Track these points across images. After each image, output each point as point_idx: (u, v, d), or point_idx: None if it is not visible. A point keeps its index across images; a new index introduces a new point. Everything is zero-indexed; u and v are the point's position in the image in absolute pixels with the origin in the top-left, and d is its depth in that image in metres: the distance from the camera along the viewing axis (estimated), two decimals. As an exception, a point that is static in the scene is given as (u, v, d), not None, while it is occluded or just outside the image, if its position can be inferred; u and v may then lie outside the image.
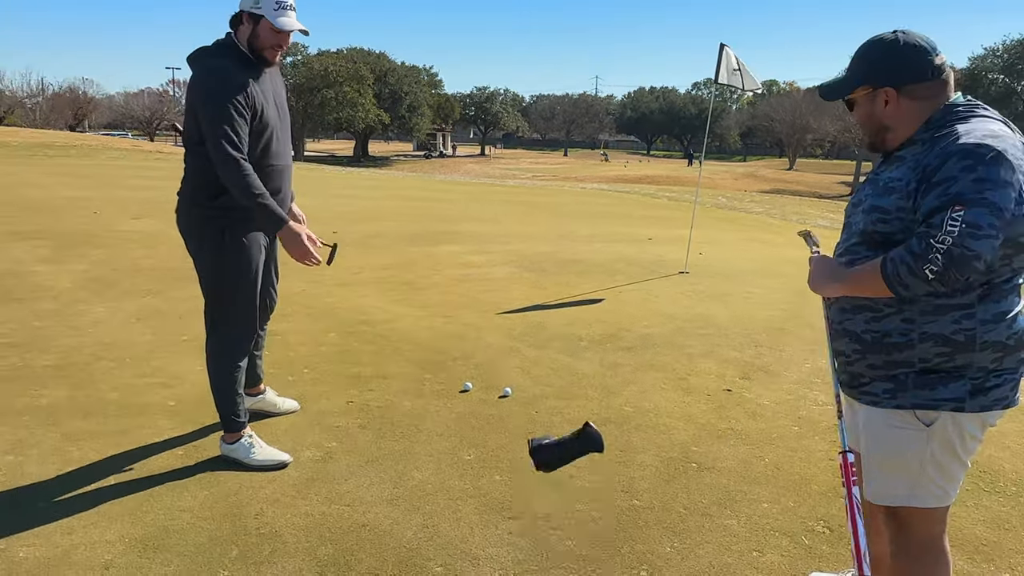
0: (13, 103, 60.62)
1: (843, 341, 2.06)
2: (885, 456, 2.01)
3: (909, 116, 1.93)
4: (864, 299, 1.97)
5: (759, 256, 10.06)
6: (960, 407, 1.89)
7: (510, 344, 5.27)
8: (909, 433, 1.95)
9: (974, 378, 1.88)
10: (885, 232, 1.90)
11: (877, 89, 1.95)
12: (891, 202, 1.88)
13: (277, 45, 3.14)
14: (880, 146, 2.03)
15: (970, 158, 1.73)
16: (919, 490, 1.98)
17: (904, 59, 1.91)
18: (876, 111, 1.97)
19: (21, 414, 3.75)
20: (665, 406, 4.22)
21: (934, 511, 2.02)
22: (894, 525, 2.06)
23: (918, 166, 1.83)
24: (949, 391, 1.89)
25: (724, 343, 5.48)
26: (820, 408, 4.24)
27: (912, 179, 1.83)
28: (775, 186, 45.73)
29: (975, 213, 1.69)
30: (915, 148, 1.90)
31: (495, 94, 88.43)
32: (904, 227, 1.85)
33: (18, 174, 17.24)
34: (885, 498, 2.05)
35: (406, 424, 3.84)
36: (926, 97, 1.92)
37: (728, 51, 7.95)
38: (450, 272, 7.81)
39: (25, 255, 7.71)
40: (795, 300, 6.87)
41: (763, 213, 18.23)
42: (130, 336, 5.09)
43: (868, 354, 1.98)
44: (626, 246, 10.27)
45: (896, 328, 1.92)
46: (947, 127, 1.86)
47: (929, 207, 1.75)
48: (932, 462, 1.95)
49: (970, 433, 1.94)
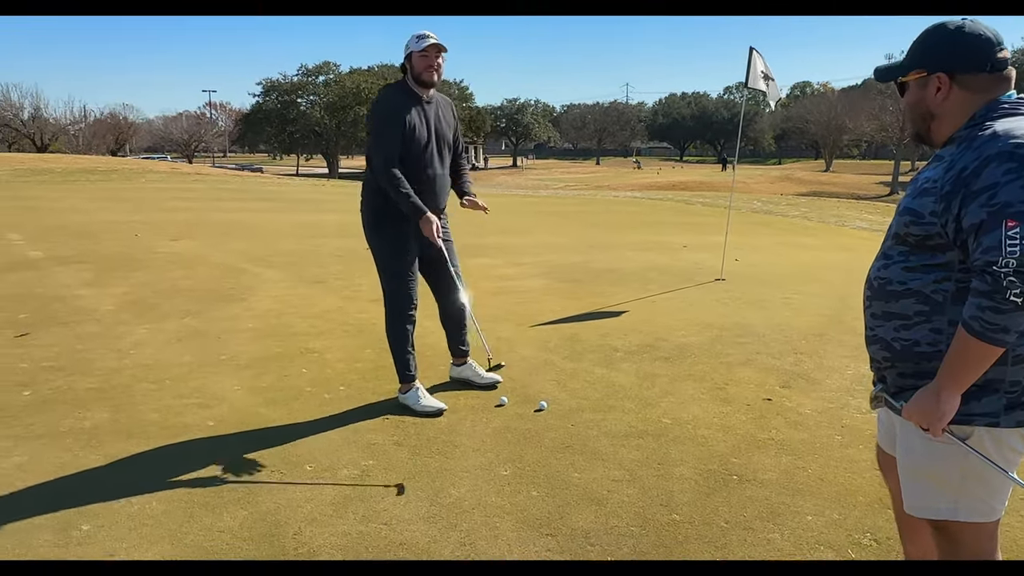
0: (57, 130, 62.43)
1: (875, 348, 1.98)
2: (920, 468, 1.92)
3: (958, 108, 1.82)
4: (895, 308, 1.88)
5: (797, 261, 9.91)
6: (995, 422, 1.79)
7: (545, 357, 5.25)
8: (944, 447, 1.84)
9: (1009, 392, 1.78)
10: (918, 235, 1.81)
11: (931, 74, 1.84)
12: (925, 204, 1.78)
13: (428, 66, 3.93)
14: (924, 136, 1.92)
15: (1012, 160, 1.63)
16: (962, 505, 1.87)
17: (964, 47, 1.80)
18: (926, 97, 1.86)
19: (65, 436, 3.82)
20: (704, 417, 4.16)
21: (983, 525, 1.90)
22: (942, 539, 1.96)
23: (952, 167, 1.73)
24: (983, 405, 1.79)
25: (763, 351, 5.39)
26: (863, 416, 4.14)
27: (946, 181, 1.73)
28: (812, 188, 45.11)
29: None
30: (952, 147, 1.80)
31: (525, 105, 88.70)
32: (937, 231, 1.76)
33: (62, 199, 17.70)
34: (925, 511, 1.94)
35: (442, 440, 3.83)
36: (980, 90, 1.80)
37: (757, 56, 7.87)
38: (484, 285, 7.81)
39: (70, 279, 7.89)
40: (835, 305, 6.74)
41: (800, 216, 17.96)
42: (170, 357, 5.17)
43: (897, 362, 1.91)
44: (660, 254, 10.19)
45: (925, 337, 1.84)
46: (987, 125, 1.74)
47: (977, 219, 1.64)
48: (973, 475, 1.84)
49: (1010, 446, 1.82)
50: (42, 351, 5.28)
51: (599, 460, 3.61)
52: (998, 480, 1.85)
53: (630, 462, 3.59)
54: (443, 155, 4.17)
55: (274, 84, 64.31)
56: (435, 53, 3.92)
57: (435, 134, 4.08)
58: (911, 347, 1.86)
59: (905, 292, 1.86)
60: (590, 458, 3.63)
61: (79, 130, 64.93)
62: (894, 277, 1.89)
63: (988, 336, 1.65)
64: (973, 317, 1.66)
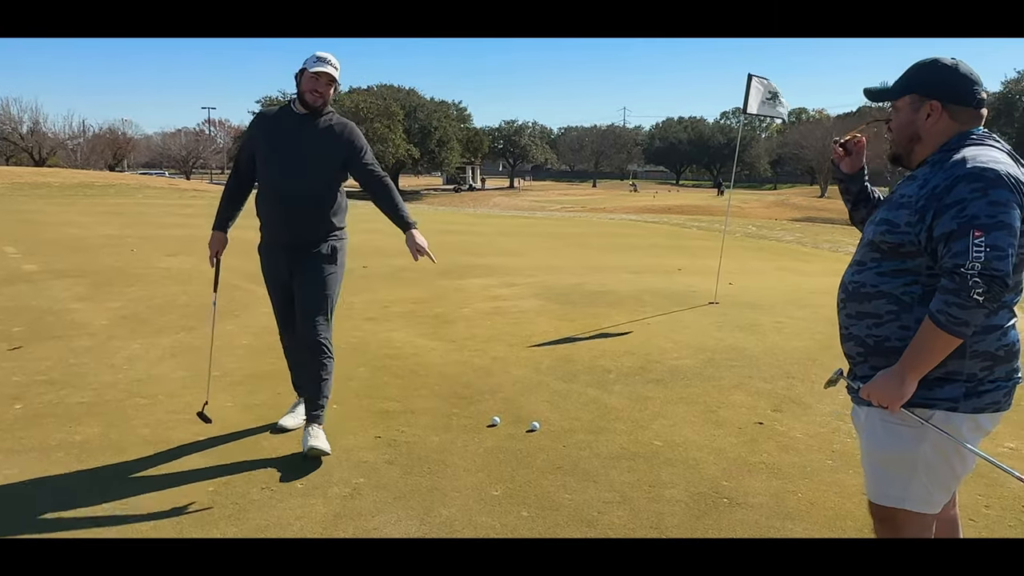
0: (55, 145, 62.52)
1: (849, 344, 2.18)
2: (880, 452, 2.12)
3: (941, 133, 2.04)
4: (868, 308, 2.08)
5: (790, 286, 9.95)
6: (954, 407, 1.99)
7: (538, 378, 5.26)
8: (904, 430, 2.05)
9: (968, 382, 2.00)
10: (892, 242, 2.02)
11: (924, 99, 2.05)
12: (900, 216, 2.00)
13: (313, 89, 3.74)
14: (903, 158, 2.15)
15: (980, 181, 1.86)
16: (911, 493, 2.07)
17: (956, 80, 2.04)
18: (917, 120, 2.07)
19: (56, 450, 3.81)
20: (695, 439, 4.17)
21: (924, 517, 2.11)
22: (885, 530, 2.18)
23: (926, 184, 1.96)
24: (945, 392, 2.00)
25: (755, 375, 5.41)
26: (854, 441, 4.13)
27: (920, 196, 1.96)
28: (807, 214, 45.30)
29: (995, 236, 1.82)
30: (925, 168, 2.04)
31: (523, 127, 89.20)
32: (910, 239, 1.97)
33: (59, 213, 17.71)
34: (881, 497, 2.14)
35: (434, 459, 3.84)
36: (962, 121, 2.03)
37: (757, 81, 7.95)
38: (479, 305, 7.83)
39: (63, 293, 7.89)
40: (827, 330, 6.76)
41: (794, 241, 18.05)
42: (163, 372, 5.17)
43: (870, 356, 2.10)
44: (655, 277, 10.23)
45: (895, 334, 2.04)
46: (957, 151, 1.98)
47: (947, 229, 1.87)
48: (924, 463, 2.04)
49: (962, 437, 2.01)
50: (35, 364, 5.27)
51: (590, 481, 3.61)
52: (945, 473, 2.07)
53: (621, 484, 3.59)
54: (305, 175, 3.79)
55: (273, 102, 64.58)
56: (325, 80, 3.73)
57: (309, 156, 3.79)
58: (882, 342, 2.07)
59: (877, 294, 2.07)
60: (581, 479, 3.63)
61: (77, 145, 65.04)
62: (867, 281, 2.09)
63: (951, 328, 1.87)
64: (940, 311, 1.87)
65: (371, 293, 8.42)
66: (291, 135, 3.80)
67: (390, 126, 59.13)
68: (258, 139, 3.90)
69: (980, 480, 3.54)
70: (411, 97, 66.07)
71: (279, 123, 3.88)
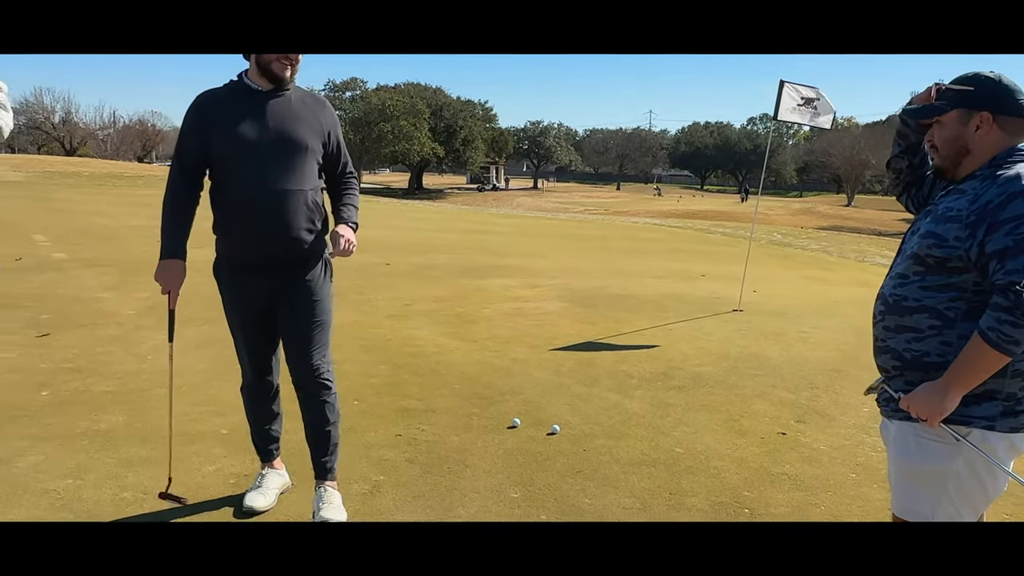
0: (86, 135, 63.46)
1: (885, 357, 2.16)
2: (911, 466, 2.08)
3: (991, 145, 2.01)
4: (909, 322, 2.05)
5: (816, 295, 9.85)
6: (991, 426, 1.97)
7: (559, 380, 5.24)
8: (938, 446, 2.02)
9: (1006, 401, 1.97)
10: (939, 257, 1.98)
11: (973, 111, 2.01)
12: (949, 229, 1.96)
13: (284, 58, 2.88)
14: (951, 171, 2.08)
15: None
16: (938, 509, 2.03)
17: (1003, 91, 2.01)
18: (966, 133, 2.02)
19: (80, 438, 3.85)
20: (717, 448, 4.13)
21: None
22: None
23: (977, 199, 1.93)
24: (982, 410, 1.97)
25: (779, 384, 5.35)
26: (879, 455, 4.09)
27: (971, 211, 1.92)
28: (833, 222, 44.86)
29: None
30: (974, 182, 1.99)
31: (548, 128, 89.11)
32: (959, 255, 1.94)
33: (88, 203, 17.96)
34: (907, 512, 2.10)
35: (453, 459, 3.83)
36: (1011, 132, 2.00)
37: (789, 87, 7.88)
38: (500, 306, 7.83)
39: (92, 281, 7.99)
40: (853, 341, 6.69)
41: (820, 250, 17.88)
42: (188, 364, 5.21)
43: (906, 371, 2.08)
44: (678, 282, 10.17)
45: (935, 349, 2.01)
46: (1008, 166, 1.95)
47: (1002, 245, 1.85)
48: (955, 480, 2.01)
49: (998, 456, 1.97)
50: (62, 352, 5.34)
51: (610, 487, 3.59)
52: (975, 494, 2.03)
53: (641, 490, 3.57)
54: (290, 167, 2.94)
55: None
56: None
57: (278, 137, 2.92)
58: (920, 357, 2.04)
59: (919, 308, 2.04)
60: (601, 484, 3.61)
61: (108, 135, 65.97)
62: (910, 295, 2.06)
63: (1002, 346, 1.84)
64: (991, 328, 1.85)
65: (393, 290, 8.45)
66: (258, 119, 2.91)
67: (416, 124, 59.30)
68: (211, 128, 2.92)
69: (1009, 499, 3.47)
70: (438, 96, 66.25)
71: (236, 105, 2.93)
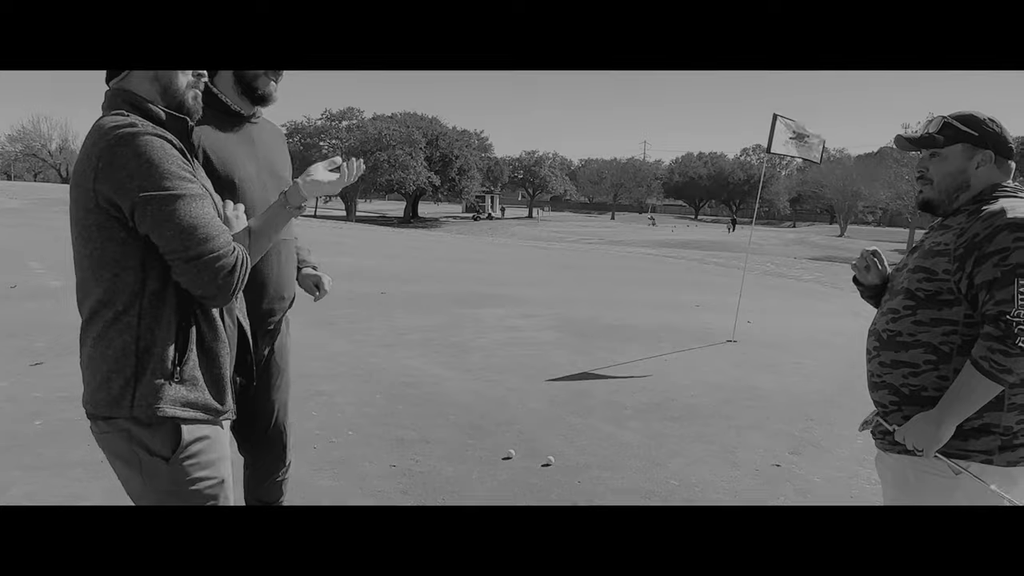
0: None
1: (882, 393, 2.17)
2: (909, 499, 2.09)
3: (983, 182, 2.08)
4: (904, 357, 2.08)
5: (809, 325, 9.89)
6: (989, 459, 1.98)
7: (554, 411, 5.24)
8: (936, 480, 2.03)
9: (1004, 435, 1.98)
10: (929, 290, 2.03)
11: (978, 149, 2.08)
12: (937, 263, 2.02)
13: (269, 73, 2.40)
14: (942, 205, 2.14)
15: (1021, 231, 1.89)
16: None
17: (1003, 134, 2.10)
18: (969, 168, 2.09)
19: (75, 467, 3.84)
20: (712, 480, 4.13)
21: None
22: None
23: (964, 233, 1.98)
24: (980, 444, 1.99)
25: (773, 415, 5.36)
26: (873, 487, 4.10)
27: (959, 244, 1.97)
28: (826, 253, 45.03)
29: None
30: (959, 218, 2.05)
31: (543, 158, 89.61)
32: (948, 287, 1.99)
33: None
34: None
35: (448, 491, 3.83)
36: (1004, 173, 2.09)
37: (781, 122, 8.00)
38: (495, 335, 7.84)
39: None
40: (847, 372, 6.72)
41: (813, 281, 17.98)
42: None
43: (904, 405, 2.09)
44: (672, 312, 10.21)
45: (932, 384, 2.03)
46: (992, 201, 2.02)
47: (990, 276, 1.90)
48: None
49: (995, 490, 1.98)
50: (56, 381, 5.32)
51: (605, 519, 3.58)
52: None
53: (636, 522, 3.56)
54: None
55: (298, 127, 65.42)
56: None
57: (272, 176, 2.48)
58: (918, 392, 2.06)
59: (914, 343, 2.06)
60: (596, 516, 3.60)
61: (104, 163, 66.13)
62: (904, 329, 2.09)
63: (994, 375, 1.88)
64: (983, 357, 1.89)
65: (388, 319, 8.46)
66: (246, 147, 2.42)
67: (412, 153, 59.63)
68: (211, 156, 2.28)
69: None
70: (433, 126, 66.66)
71: (225, 132, 2.37)
